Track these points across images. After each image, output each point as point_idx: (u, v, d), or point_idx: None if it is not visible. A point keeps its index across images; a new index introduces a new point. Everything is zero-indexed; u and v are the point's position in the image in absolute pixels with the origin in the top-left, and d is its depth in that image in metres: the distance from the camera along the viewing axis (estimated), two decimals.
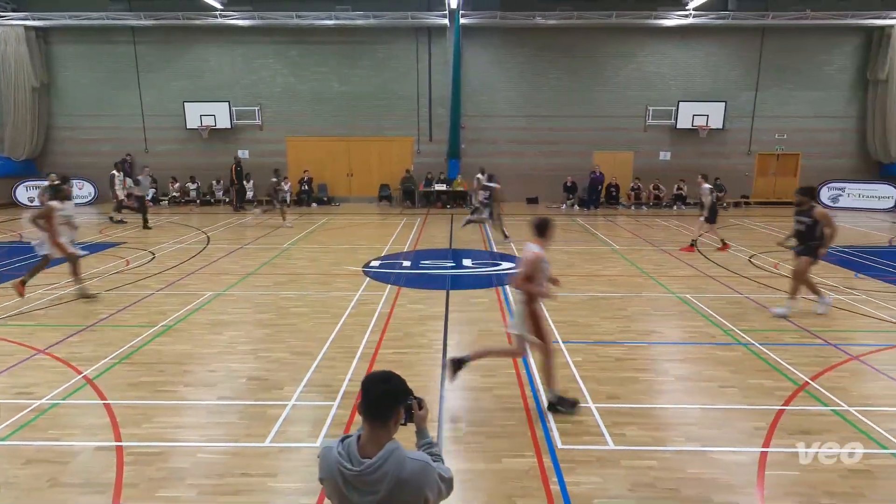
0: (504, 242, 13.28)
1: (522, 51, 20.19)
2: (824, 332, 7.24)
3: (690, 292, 9.09)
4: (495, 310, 8.20)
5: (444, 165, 20.62)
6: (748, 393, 5.52)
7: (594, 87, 20.43)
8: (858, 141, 20.81)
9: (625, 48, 20.14)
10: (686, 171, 20.53)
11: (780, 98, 20.47)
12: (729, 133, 20.62)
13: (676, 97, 20.23)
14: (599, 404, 5.24)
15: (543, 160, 20.86)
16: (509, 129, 20.71)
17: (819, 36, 19.87)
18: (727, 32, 19.82)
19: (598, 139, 20.81)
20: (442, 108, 20.41)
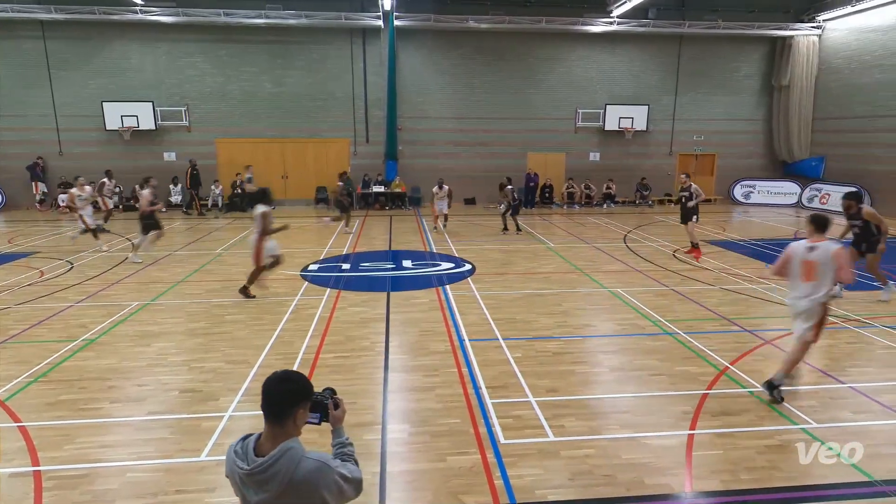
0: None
1: (457, 53, 20.38)
2: (741, 320, 7.75)
3: (621, 286, 9.49)
4: (436, 310, 8.23)
5: (382, 167, 20.48)
6: (675, 379, 5.83)
7: (527, 90, 20.92)
8: (766, 142, 22.45)
9: (555, 52, 20.76)
10: (614, 170, 21.43)
11: (698, 102, 21.76)
12: (652, 134, 21.70)
13: (604, 100, 21.07)
14: (539, 398, 5.37)
15: (480, 161, 21.14)
16: (446, 130, 20.85)
17: (730, 44, 21.27)
18: (648, 39, 20.84)
19: (532, 140, 21.33)
20: (378, 109, 20.25)
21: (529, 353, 6.56)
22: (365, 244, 13.39)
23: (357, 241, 13.82)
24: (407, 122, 20.47)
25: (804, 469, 4.27)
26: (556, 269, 10.75)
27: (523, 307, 8.35)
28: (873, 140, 18.46)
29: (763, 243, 13.56)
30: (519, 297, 8.85)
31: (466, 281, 9.88)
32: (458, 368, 6.09)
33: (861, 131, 18.96)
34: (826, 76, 20.47)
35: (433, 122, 20.70)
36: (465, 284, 9.64)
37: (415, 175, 20.55)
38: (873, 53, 18.37)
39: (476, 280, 9.93)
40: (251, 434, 2.13)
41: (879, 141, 18.22)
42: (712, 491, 4.01)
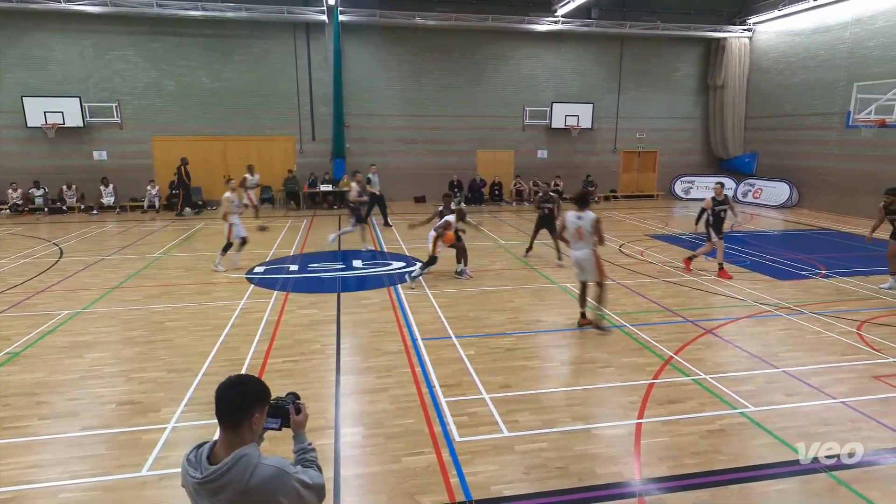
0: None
1: (404, 49, 20.30)
2: (683, 311, 8.11)
3: (570, 282, 9.72)
4: (388, 309, 8.18)
5: (329, 165, 20.16)
6: (623, 371, 6.04)
7: (475, 88, 21.10)
8: (703, 139, 23.56)
9: (502, 51, 21.02)
10: (561, 168, 21.93)
11: (639, 100, 22.57)
12: (597, 132, 22.35)
13: (550, 98, 21.52)
14: (493, 394, 5.44)
15: (429, 159, 21.17)
16: (394, 128, 20.75)
17: (669, 45, 22.18)
18: (592, 39, 21.44)
19: (481, 138, 21.54)
20: (324, 106, 19.92)
21: (482, 350, 6.62)
22: (313, 244, 13.15)
23: (305, 241, 13.55)
24: (354, 119, 20.23)
25: (742, 451, 4.52)
26: (506, 266, 10.90)
27: (475, 304, 8.43)
28: (800, 137, 19.70)
29: (703, 236, 14.20)
30: (471, 295, 8.92)
31: (418, 280, 9.86)
32: (411, 368, 6.08)
33: (789, 129, 20.20)
34: (757, 76, 21.68)
35: (381, 119, 20.56)
36: (417, 283, 9.63)
37: (363, 174, 20.32)
38: (799, 56, 19.60)
39: (427, 279, 9.93)
40: (206, 441, 2.07)
41: (806, 138, 19.46)
42: (660, 477, 4.18)
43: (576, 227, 7.07)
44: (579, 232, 7.06)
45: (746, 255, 11.98)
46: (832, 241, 13.80)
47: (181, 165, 18.14)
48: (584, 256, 7.11)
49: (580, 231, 7.05)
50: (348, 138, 20.18)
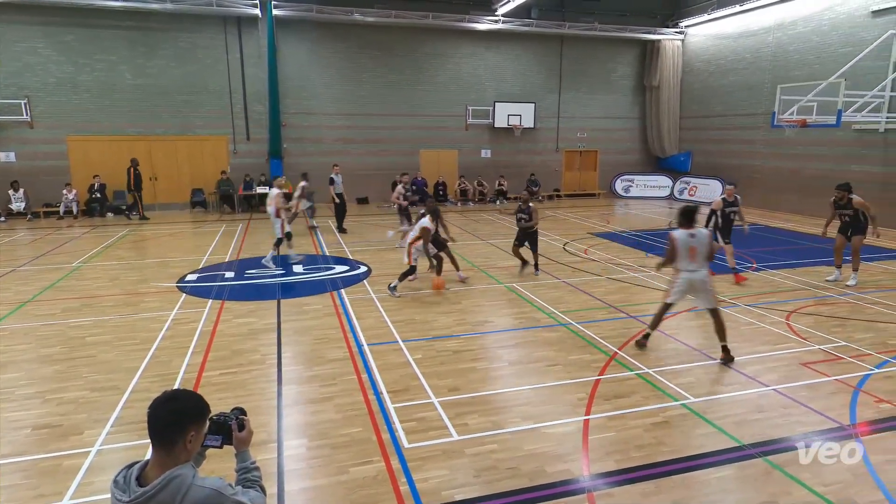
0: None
1: (342, 46, 20.05)
2: (626, 307, 8.43)
3: (517, 281, 9.90)
4: (331, 315, 8.05)
5: (266, 166, 19.62)
6: (570, 368, 6.20)
7: (416, 86, 21.11)
8: (641, 139, 24.57)
9: (443, 49, 21.14)
10: (505, 167, 22.30)
11: (579, 100, 23.28)
12: (539, 132, 22.87)
13: (492, 98, 21.84)
14: (442, 398, 5.46)
15: (371, 159, 21.00)
16: (334, 127, 20.45)
17: (606, 46, 22.99)
18: (532, 39, 21.93)
19: (424, 138, 21.58)
20: (259, 104, 19.38)
21: (430, 353, 6.63)
22: (250, 249, 12.76)
23: (241, 246, 13.13)
24: (291, 117, 19.80)
25: (684, 441, 4.74)
26: (452, 268, 10.96)
27: (422, 307, 8.43)
28: (730, 137, 20.90)
29: (642, 234, 14.82)
30: (418, 298, 8.92)
31: (363, 284, 9.77)
32: (357, 375, 6.01)
33: (720, 129, 21.39)
34: (690, 78, 22.82)
35: (320, 118, 20.22)
36: (362, 287, 9.53)
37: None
38: (727, 58, 20.79)
39: (372, 282, 9.85)
40: (138, 461, 1.97)
41: (735, 137, 20.66)
42: (608, 471, 4.32)
43: (689, 246, 6.30)
44: (693, 252, 6.30)
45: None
46: (762, 236, 14.70)
47: (131, 167, 17.17)
48: (702, 278, 6.33)
49: (694, 251, 6.30)
50: (286, 138, 19.72)
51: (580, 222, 16.89)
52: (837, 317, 8.00)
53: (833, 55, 16.44)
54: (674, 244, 6.35)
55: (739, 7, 19.39)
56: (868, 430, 4.92)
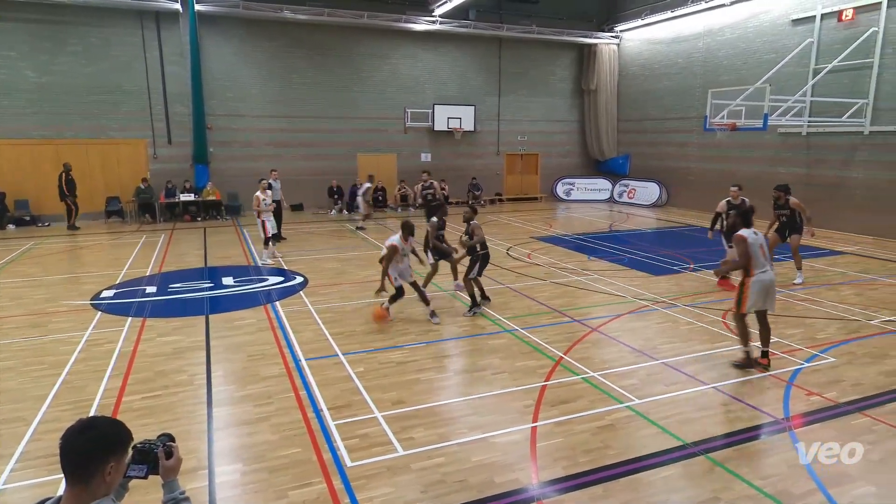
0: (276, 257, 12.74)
1: (272, 45, 19.62)
2: (570, 311, 8.65)
3: (460, 288, 9.96)
4: (266, 330, 7.82)
5: (191, 172, 18.89)
6: (516, 375, 6.30)
7: (353, 88, 20.94)
8: (581, 142, 25.39)
9: (380, 49, 21.09)
10: (446, 171, 22.44)
11: (519, 103, 23.81)
12: (480, 135, 23.20)
13: (431, 100, 21.97)
14: (386, 412, 5.41)
15: (306, 163, 20.62)
16: (265, 130, 19.96)
17: (545, 49, 23.66)
18: (470, 40, 22.26)
19: (361, 141, 21.42)
20: (181, 105, 18.64)
21: (372, 365, 6.57)
22: (174, 261, 12.22)
23: (164, 258, 12.55)
24: (218, 120, 19.17)
25: (630, 443, 4.91)
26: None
27: (363, 318, 8.34)
28: (666, 140, 21.95)
29: (584, 237, 15.29)
30: (358, 308, 8.82)
31: (299, 295, 9.56)
32: (294, 392, 5.86)
33: (656, 132, 22.42)
34: (626, 82, 23.82)
35: (249, 120, 19.68)
36: (298, 299, 9.33)
37: (231, 180, 19.32)
38: (661, 63, 21.85)
39: (309, 293, 9.66)
40: (49, 498, 1.85)
41: (670, 140, 21.71)
42: (556, 478, 4.41)
43: (759, 244, 6.25)
44: (763, 251, 6.26)
45: (624, 253, 13.07)
46: (698, 236, 15.50)
47: (63, 172, 16.13)
48: (773, 278, 6.34)
49: (763, 250, 6.27)
50: (212, 141, 19.07)
51: (523, 226, 17.23)
52: (770, 314, 8.52)
53: (759, 61, 17.61)
54: (747, 245, 6.17)
55: (671, 13, 20.44)
56: (801, 422, 5.26)
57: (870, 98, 14.73)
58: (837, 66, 15.02)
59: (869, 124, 14.83)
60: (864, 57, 14.77)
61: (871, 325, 8.00)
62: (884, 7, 14.34)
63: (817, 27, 15.96)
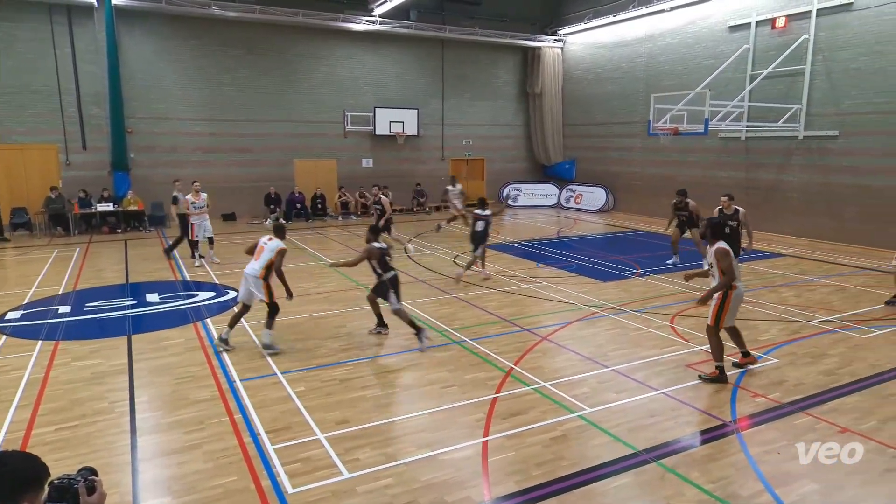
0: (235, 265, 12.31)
1: (200, 43, 19.08)
2: (519, 320, 8.78)
3: (406, 299, 9.90)
4: (196, 349, 7.54)
5: (109, 180, 18.05)
6: (466, 388, 6.33)
7: (288, 90, 20.62)
8: (527, 146, 25.93)
9: (317, 49, 20.88)
10: (389, 177, 22.38)
11: (463, 107, 24.09)
12: (424, 139, 23.30)
13: (372, 103, 21.91)
14: (329, 433, 5.31)
15: (238, 170, 20.11)
16: (192, 134, 19.34)
17: (488, 51, 24.06)
18: (412, 41, 22.38)
19: (298, 146, 21.09)
20: (97, 107, 17.82)
21: (314, 384, 6.44)
22: (91, 278, 11.62)
23: (79, 275, 11.91)
24: (139, 123, 18.44)
25: (582, 453, 5.02)
26: (336, 288, 10.78)
27: (303, 333, 8.18)
28: (611, 144, 22.72)
29: (532, 244, 15.58)
30: (297, 323, 8.65)
31: (232, 311, 9.27)
32: (229, 416, 5.67)
33: (601, 136, 23.17)
34: (570, 86, 24.53)
35: (175, 123, 19.03)
36: (231, 315, 9.03)
37: (155, 188, 18.56)
38: (605, 67, 22.64)
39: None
40: None
41: (615, 145, 22.50)
42: (509, 493, 4.44)
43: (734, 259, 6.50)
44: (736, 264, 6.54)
45: (573, 259, 13.40)
46: (644, 241, 16.10)
47: None
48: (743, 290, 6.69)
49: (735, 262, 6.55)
50: (132, 147, 18.31)
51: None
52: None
53: (699, 66, 18.52)
54: (730, 256, 6.31)
55: (613, 18, 21.23)
56: (747, 424, 5.53)
57: (803, 103, 15.76)
58: (772, 72, 16.00)
59: (803, 129, 15.85)
60: (797, 63, 15.80)
61: (810, 325, 8.52)
62: (813, 16, 15.41)
63: (753, 34, 16.97)
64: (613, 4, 21.28)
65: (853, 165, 15.00)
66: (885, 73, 14.14)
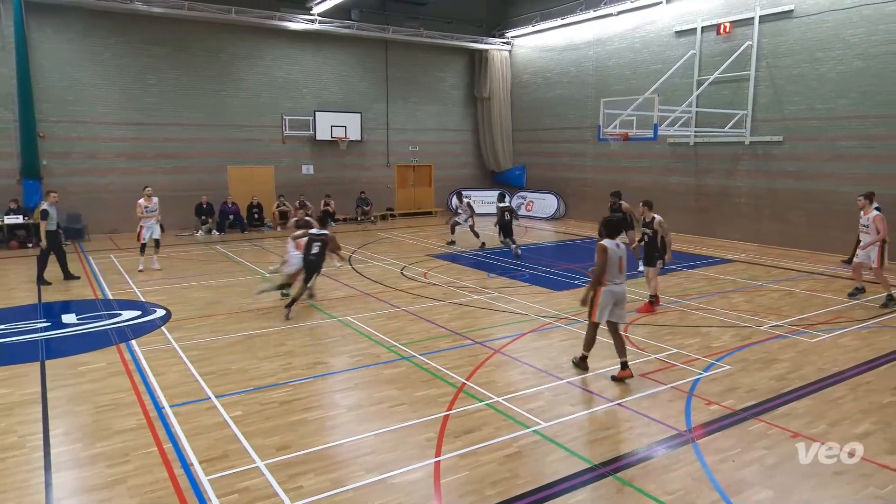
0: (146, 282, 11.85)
1: (122, 41, 18.44)
2: (471, 333, 8.83)
3: (351, 314, 9.84)
4: (119, 374, 7.23)
5: (18, 189, 17.15)
6: (416, 406, 6.30)
7: (221, 92, 20.17)
8: (476, 152, 26.22)
9: (252, 49, 20.53)
10: (331, 184, 22.18)
11: (409, 111, 24.17)
12: (367, 144, 23.22)
13: (312, 107, 21.69)
14: (270, 460, 5.18)
15: (166, 178, 19.46)
16: (114, 139, 18.63)
17: (434, 53, 24.26)
18: (354, 42, 22.32)
19: (232, 152, 20.62)
20: (5, 110, 16.95)
21: (252, 408, 6.28)
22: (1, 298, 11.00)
23: None
24: (53, 127, 17.64)
25: (538, 469, 5.07)
26: (275, 303, 10.56)
27: (239, 354, 7.97)
28: (561, 150, 23.25)
29: (484, 254, 15.72)
30: (233, 342, 8.42)
31: (160, 331, 8.96)
32: (157, 446, 5.45)
33: (552, 142, 23.69)
34: (519, 90, 25.00)
35: (94, 127, 18.30)
36: (160, 336, 8.73)
37: (71, 198, 17.72)
38: (554, 71, 23.20)
39: (174, 328, 9.08)
40: None
41: (566, 151, 23.03)
42: None
43: (619, 257, 6.94)
44: (620, 263, 6.96)
45: (525, 268, 13.59)
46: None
47: None
48: (625, 291, 7.07)
49: (621, 262, 6.97)
50: (44, 153, 17.48)
51: (417, 243, 17.39)
52: (668, 325, 9.24)
53: (647, 71, 19.23)
54: (607, 255, 6.84)
55: (561, 20, 21.81)
56: (702, 432, 5.72)
57: (749, 109, 16.58)
58: (719, 77, 16.78)
59: (749, 134, 16.67)
60: (742, 69, 16.63)
61: (761, 330, 8.91)
62: (756, 22, 16.27)
63: (699, 39, 17.76)
64: (561, 7, 21.88)
65: (798, 171, 15.86)
66: (826, 79, 15.05)
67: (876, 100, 14.16)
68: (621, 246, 7.03)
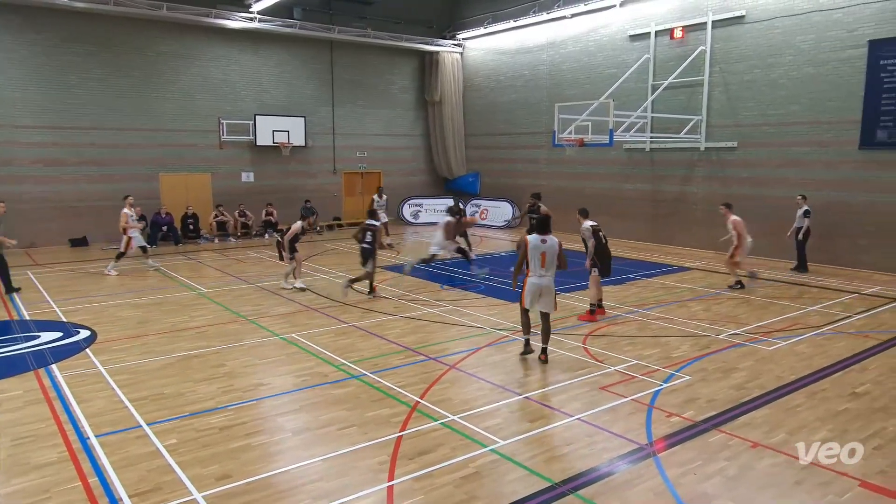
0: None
1: (41, 38, 17.77)
2: (425, 348, 8.81)
3: (297, 330, 9.69)
4: (38, 402, 6.90)
5: None
6: (367, 428, 6.23)
7: (151, 94, 19.65)
8: (427, 158, 26.31)
9: (185, 49, 20.11)
10: (273, 193, 21.85)
11: (356, 115, 24.08)
12: (312, 150, 23.01)
13: (252, 110, 21.37)
14: (208, 491, 5.03)
15: (91, 186, 18.80)
16: (32, 144, 17.89)
17: (382, 55, 24.29)
18: (297, 42, 22.14)
19: (165, 158, 20.09)
20: None
21: (188, 435, 6.09)
22: None
23: None
24: None
25: (497, 490, 5.08)
26: (213, 321, 10.31)
27: (173, 376, 7.73)
28: (516, 156, 23.59)
29: (436, 264, 15.73)
30: (166, 365, 8.16)
31: (84, 353, 8.61)
32: (82, 481, 5.22)
33: (505, 148, 24.01)
34: (471, 94, 25.27)
35: (8, 131, 17.57)
36: (83, 359, 8.38)
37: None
38: (507, 74, 23.55)
39: (99, 350, 8.74)
40: None
41: (520, 157, 23.37)
42: None
43: (541, 251, 7.88)
44: (543, 257, 7.88)
45: (480, 279, 13.67)
46: None
47: None
48: (549, 283, 8.00)
49: (544, 256, 7.89)
50: None
51: None
52: (627, 335, 9.44)
53: (602, 76, 19.73)
54: (526, 249, 7.97)
55: (514, 22, 22.20)
56: (663, 445, 5.84)
57: (703, 114, 17.19)
58: (673, 82, 17.36)
59: (704, 140, 17.27)
60: (696, 74, 17.25)
61: (720, 339, 9.20)
62: (709, 27, 16.93)
63: (653, 44, 18.36)
64: (514, 9, 22.26)
65: (752, 176, 16.52)
66: (777, 85, 15.76)
67: (826, 106, 14.91)
68: (548, 241, 7.91)
